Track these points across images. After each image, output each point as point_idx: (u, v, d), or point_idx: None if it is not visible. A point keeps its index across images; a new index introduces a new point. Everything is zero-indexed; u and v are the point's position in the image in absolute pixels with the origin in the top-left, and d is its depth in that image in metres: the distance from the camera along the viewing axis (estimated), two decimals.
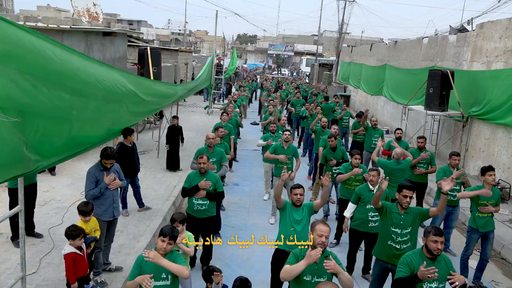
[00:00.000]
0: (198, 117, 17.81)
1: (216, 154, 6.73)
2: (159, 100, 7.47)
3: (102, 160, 4.92)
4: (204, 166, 5.32)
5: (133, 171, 7.13)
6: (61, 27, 8.70)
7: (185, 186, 5.43)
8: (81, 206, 4.54)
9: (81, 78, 3.86)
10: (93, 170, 4.94)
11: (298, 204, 4.56)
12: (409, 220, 4.61)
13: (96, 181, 4.89)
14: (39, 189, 7.70)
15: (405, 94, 14.87)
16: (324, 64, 33.62)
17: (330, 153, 7.73)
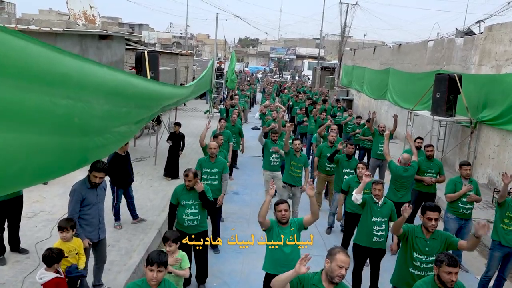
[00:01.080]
0: (198, 122, 17.44)
1: (218, 164, 6.34)
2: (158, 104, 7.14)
3: (92, 173, 4.53)
4: (190, 184, 4.99)
5: (127, 181, 6.78)
6: (54, 30, 8.37)
7: (172, 202, 5.10)
8: (62, 220, 4.16)
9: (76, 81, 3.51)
10: (78, 187, 4.51)
11: (284, 221, 4.18)
12: (436, 246, 4.15)
13: (82, 200, 4.49)
14: (28, 199, 7.39)
15: (410, 99, 14.49)
16: (326, 68, 33.28)
17: (345, 160, 7.35)
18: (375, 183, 5.25)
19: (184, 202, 5.00)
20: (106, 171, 4.58)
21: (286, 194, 7.33)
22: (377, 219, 5.18)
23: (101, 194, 4.69)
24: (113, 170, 6.53)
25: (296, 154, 7.25)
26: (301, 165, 7.27)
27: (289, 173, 7.28)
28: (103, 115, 3.76)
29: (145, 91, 4.89)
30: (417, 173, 7.33)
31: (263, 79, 35.91)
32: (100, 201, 4.66)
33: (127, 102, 4.34)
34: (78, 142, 3.46)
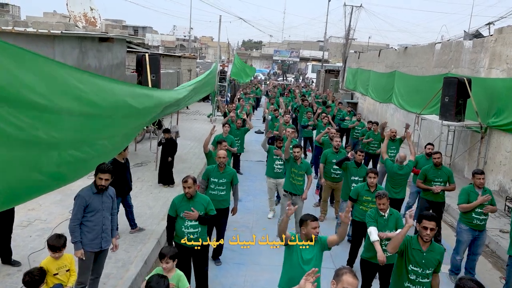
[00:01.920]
0: (201, 125, 17.21)
1: (227, 175, 6.01)
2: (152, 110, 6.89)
3: (97, 176, 4.31)
4: (190, 191, 4.69)
5: (124, 189, 6.51)
6: (52, 32, 8.14)
7: (170, 213, 4.80)
8: (52, 239, 3.90)
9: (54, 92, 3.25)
10: (83, 193, 4.31)
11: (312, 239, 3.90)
12: (433, 259, 3.98)
13: (86, 206, 4.26)
14: (23, 207, 7.15)
15: (417, 102, 14.19)
16: (331, 71, 32.99)
17: (354, 167, 7.06)
18: (379, 197, 4.97)
19: (183, 214, 4.70)
20: (111, 172, 4.36)
21: (287, 202, 7.05)
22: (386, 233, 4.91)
23: (106, 202, 4.45)
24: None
25: (296, 161, 6.97)
26: (302, 173, 6.98)
27: (290, 180, 7.00)
28: (76, 127, 3.51)
29: (129, 99, 4.56)
30: (424, 181, 7.06)
31: (267, 82, 35.67)
32: (105, 208, 4.43)
33: (107, 112, 4.06)
34: (44, 156, 3.19)
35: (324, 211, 8.25)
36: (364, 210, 5.93)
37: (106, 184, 4.32)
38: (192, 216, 4.62)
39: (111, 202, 4.51)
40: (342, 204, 7.20)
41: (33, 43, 8.44)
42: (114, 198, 4.60)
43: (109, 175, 4.31)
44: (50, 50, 8.52)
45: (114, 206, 4.59)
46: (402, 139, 9.39)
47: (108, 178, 4.32)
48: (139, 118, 5.31)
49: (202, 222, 4.72)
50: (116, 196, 6.34)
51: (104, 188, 4.34)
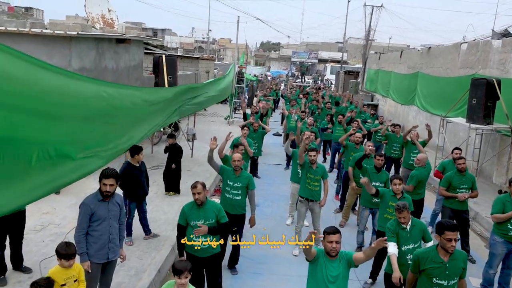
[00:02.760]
0: (218, 127, 17.02)
1: (242, 179, 5.74)
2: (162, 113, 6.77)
3: (101, 182, 4.11)
4: (199, 197, 4.44)
5: (139, 194, 6.31)
6: (68, 33, 8.06)
7: (180, 222, 4.56)
8: (62, 247, 3.70)
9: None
10: (88, 201, 4.10)
11: (334, 255, 3.60)
12: (458, 266, 3.76)
13: (91, 215, 4.06)
14: (38, 210, 7.06)
15: (441, 104, 13.66)
16: (350, 72, 32.45)
17: (374, 172, 6.71)
18: (398, 210, 4.61)
19: (193, 223, 4.46)
20: (116, 177, 4.14)
21: (304, 209, 6.73)
22: (409, 247, 4.58)
23: (113, 210, 4.23)
24: (125, 182, 6.10)
25: (312, 166, 6.64)
26: (318, 177, 6.64)
27: (305, 186, 6.66)
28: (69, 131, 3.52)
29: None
30: (448, 189, 6.65)
31: (286, 83, 35.36)
32: (112, 216, 4.20)
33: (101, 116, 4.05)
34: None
35: (346, 217, 7.92)
36: (388, 218, 5.58)
37: (111, 190, 4.10)
38: (201, 231, 4.39)
39: (119, 210, 4.29)
40: (362, 212, 6.84)
41: (50, 44, 8.38)
42: (122, 205, 4.38)
43: (114, 180, 4.10)
44: (67, 51, 8.44)
45: (122, 214, 4.37)
46: (426, 142, 8.98)
47: (113, 183, 4.10)
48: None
49: (213, 234, 4.48)
50: (130, 201, 6.20)
51: (109, 194, 4.11)
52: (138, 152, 6.20)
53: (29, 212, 6.85)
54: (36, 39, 8.31)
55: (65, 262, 3.68)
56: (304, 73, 39.85)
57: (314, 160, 6.59)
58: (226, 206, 5.73)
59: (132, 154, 6.18)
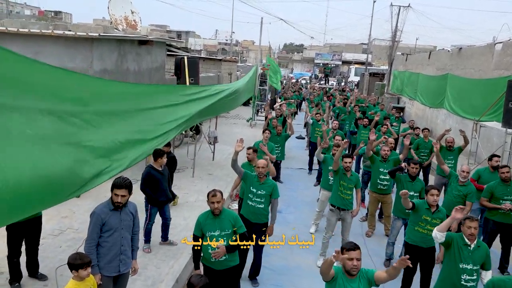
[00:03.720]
0: (240, 130, 16.79)
1: (266, 187, 5.44)
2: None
3: (113, 192, 3.90)
4: (218, 206, 4.17)
5: (161, 199, 6.08)
6: (90, 35, 7.98)
7: (196, 233, 4.30)
8: (75, 258, 3.49)
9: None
10: (99, 211, 3.88)
11: (354, 273, 3.27)
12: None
13: (103, 225, 3.84)
14: (57, 214, 6.97)
15: (473, 108, 13.03)
16: (375, 74, 31.72)
17: (408, 181, 6.30)
18: (470, 219, 4.16)
19: (209, 233, 4.20)
20: (129, 188, 3.92)
21: (335, 218, 6.37)
22: (467, 266, 4.12)
23: (126, 219, 4.00)
24: (147, 186, 5.93)
25: (346, 173, 6.29)
26: (351, 186, 6.29)
27: (338, 194, 6.31)
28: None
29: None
30: (491, 199, 6.18)
31: (307, 86, 34.90)
32: (124, 227, 3.98)
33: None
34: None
35: (372, 226, 7.52)
36: (420, 232, 5.19)
37: (123, 200, 3.87)
38: (219, 254, 4.13)
39: (132, 219, 4.06)
40: (394, 221, 6.43)
41: (72, 46, 8.33)
42: (136, 215, 4.15)
43: (126, 190, 3.87)
44: (89, 53, 8.38)
45: (135, 223, 4.14)
46: (462, 148, 8.47)
47: (125, 194, 3.87)
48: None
49: (232, 251, 4.22)
50: (152, 206, 5.99)
51: (121, 205, 3.90)
52: (161, 155, 6.01)
53: (48, 216, 6.81)
54: (58, 41, 8.29)
55: (83, 272, 3.49)
56: (328, 75, 39.19)
57: (349, 167, 6.25)
58: (248, 213, 5.47)
59: (155, 157, 6.01)
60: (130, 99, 5.42)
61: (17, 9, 74.10)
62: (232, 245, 4.19)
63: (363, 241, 7.27)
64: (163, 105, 6.26)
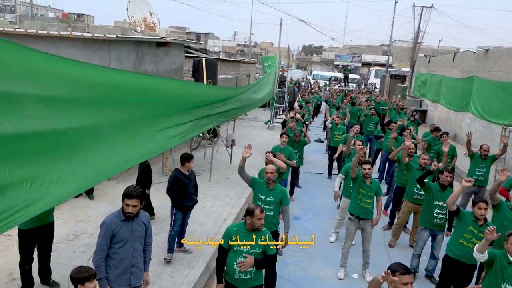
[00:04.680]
0: (258, 133, 16.58)
1: (275, 193, 5.21)
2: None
3: (124, 202, 3.72)
4: (258, 223, 3.84)
5: (187, 203, 5.91)
6: (107, 36, 7.90)
7: (223, 245, 3.95)
8: (78, 271, 3.29)
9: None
10: (109, 220, 3.68)
11: None
12: None
13: (113, 236, 3.66)
14: (73, 218, 6.88)
15: (502, 112, 12.49)
16: (396, 76, 31.06)
17: (439, 190, 5.92)
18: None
19: (237, 248, 3.87)
20: (140, 198, 3.72)
21: (354, 228, 6.05)
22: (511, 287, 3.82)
23: (138, 230, 3.80)
24: (174, 190, 5.80)
25: (365, 181, 5.98)
26: (371, 194, 5.96)
27: (357, 202, 5.98)
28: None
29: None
30: None
31: (327, 88, 34.43)
32: (136, 238, 3.78)
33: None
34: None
35: (396, 236, 7.18)
36: (464, 245, 4.84)
37: (134, 211, 3.68)
38: (247, 264, 3.79)
39: (144, 230, 3.86)
40: (421, 232, 6.08)
41: (90, 48, 8.27)
42: (148, 225, 3.95)
43: (137, 200, 3.67)
44: (106, 54, 8.31)
45: (148, 234, 3.94)
46: (496, 157, 8.02)
47: (137, 204, 3.67)
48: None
49: (259, 267, 3.89)
50: (177, 211, 5.80)
51: (132, 215, 3.71)
52: (189, 159, 5.88)
53: (63, 219, 6.75)
54: (76, 43, 8.24)
55: (89, 285, 3.30)
56: (347, 77, 38.59)
57: (368, 174, 5.94)
58: None
59: (182, 161, 5.89)
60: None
61: (41, 12, 75.95)
62: (262, 260, 3.88)
63: (386, 252, 6.97)
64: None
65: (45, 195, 2.90)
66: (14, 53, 2.62)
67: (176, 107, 5.29)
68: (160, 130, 4.70)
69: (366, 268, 6.10)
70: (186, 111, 5.60)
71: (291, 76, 33.69)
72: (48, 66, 2.94)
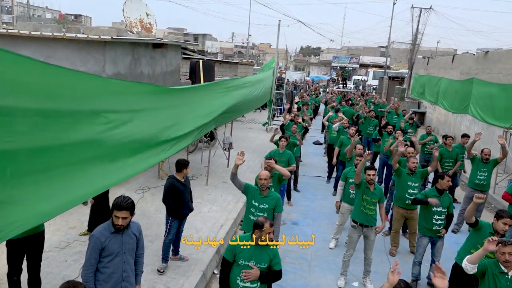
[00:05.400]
0: (256, 135, 16.42)
1: (269, 200, 5.07)
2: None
3: (113, 213, 3.55)
4: (266, 237, 3.65)
5: (183, 211, 5.70)
6: (102, 38, 7.72)
7: (226, 257, 3.76)
8: (66, 287, 3.09)
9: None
10: (98, 233, 3.50)
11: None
12: None
13: (102, 249, 3.48)
14: (65, 224, 6.70)
15: (503, 114, 12.34)
16: (395, 77, 30.96)
17: (436, 195, 5.76)
18: (503, 244, 3.66)
19: (242, 262, 3.67)
20: (131, 209, 3.54)
21: (357, 235, 5.89)
22: None
23: (128, 242, 3.62)
24: (171, 197, 5.59)
25: (369, 187, 5.82)
26: (375, 201, 5.80)
27: (360, 209, 5.82)
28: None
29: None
30: None
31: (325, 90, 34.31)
32: (127, 251, 3.60)
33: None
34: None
35: (395, 244, 7.01)
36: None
37: (124, 223, 3.50)
38: (252, 275, 3.59)
39: (135, 242, 3.68)
40: (420, 239, 5.93)
41: (84, 49, 8.09)
42: (140, 236, 3.77)
43: (127, 212, 3.49)
44: (101, 56, 8.12)
45: (140, 245, 3.76)
46: (499, 161, 7.88)
47: (127, 216, 3.49)
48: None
49: (264, 281, 3.69)
50: (173, 219, 5.60)
51: (122, 228, 3.53)
52: (186, 166, 5.67)
53: (55, 226, 6.56)
54: (71, 44, 8.05)
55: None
56: (346, 78, 38.51)
57: (372, 180, 5.77)
58: (249, 229, 5.06)
59: (179, 168, 5.65)
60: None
61: (38, 13, 75.67)
62: (267, 274, 3.70)
63: (387, 259, 6.81)
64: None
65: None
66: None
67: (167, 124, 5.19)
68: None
69: (367, 276, 5.94)
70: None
71: (288, 78, 33.56)
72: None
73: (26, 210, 2.83)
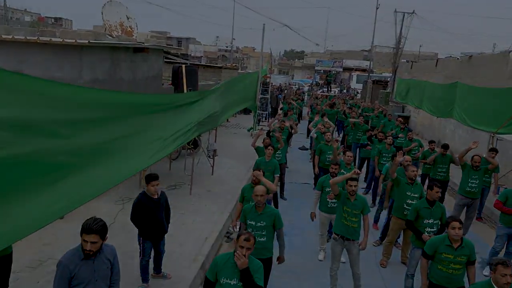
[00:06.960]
0: (241, 140, 16.11)
1: (266, 217, 4.72)
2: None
3: (82, 237, 3.21)
4: (248, 254, 3.43)
5: (155, 232, 5.24)
6: (79, 42, 7.34)
7: (209, 277, 3.49)
8: None
9: None
10: (66, 260, 3.17)
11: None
12: None
13: (71, 278, 3.14)
14: (38, 241, 6.25)
15: (487, 119, 12.33)
16: (378, 81, 31.12)
17: (426, 207, 5.55)
18: (503, 265, 3.46)
19: (224, 280, 3.43)
20: (101, 233, 3.20)
21: (339, 249, 5.59)
22: None
23: (101, 269, 3.29)
24: (139, 217, 5.13)
25: (350, 198, 5.51)
26: (357, 212, 5.49)
27: (341, 221, 5.53)
28: None
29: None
30: None
31: (310, 93, 34.27)
32: (99, 278, 3.27)
33: None
34: None
35: (387, 255, 6.80)
36: (443, 271, 4.49)
37: (94, 248, 3.17)
38: (243, 260, 3.35)
39: (109, 267, 3.35)
40: (413, 251, 5.72)
41: (60, 54, 7.69)
42: (115, 261, 3.43)
43: (97, 236, 3.16)
44: (78, 61, 7.74)
45: (114, 271, 3.42)
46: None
47: (96, 241, 3.16)
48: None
49: (244, 279, 3.39)
50: (144, 240, 5.21)
51: (92, 254, 3.20)
52: (155, 178, 5.12)
53: (27, 242, 6.06)
54: (45, 49, 7.65)
55: None
56: (330, 82, 38.56)
57: (354, 192, 5.52)
58: None
59: (147, 181, 5.14)
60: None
61: (17, 15, 73.96)
62: (249, 274, 3.39)
63: (378, 271, 6.59)
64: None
65: None
66: None
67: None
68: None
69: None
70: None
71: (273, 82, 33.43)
72: None
73: None
